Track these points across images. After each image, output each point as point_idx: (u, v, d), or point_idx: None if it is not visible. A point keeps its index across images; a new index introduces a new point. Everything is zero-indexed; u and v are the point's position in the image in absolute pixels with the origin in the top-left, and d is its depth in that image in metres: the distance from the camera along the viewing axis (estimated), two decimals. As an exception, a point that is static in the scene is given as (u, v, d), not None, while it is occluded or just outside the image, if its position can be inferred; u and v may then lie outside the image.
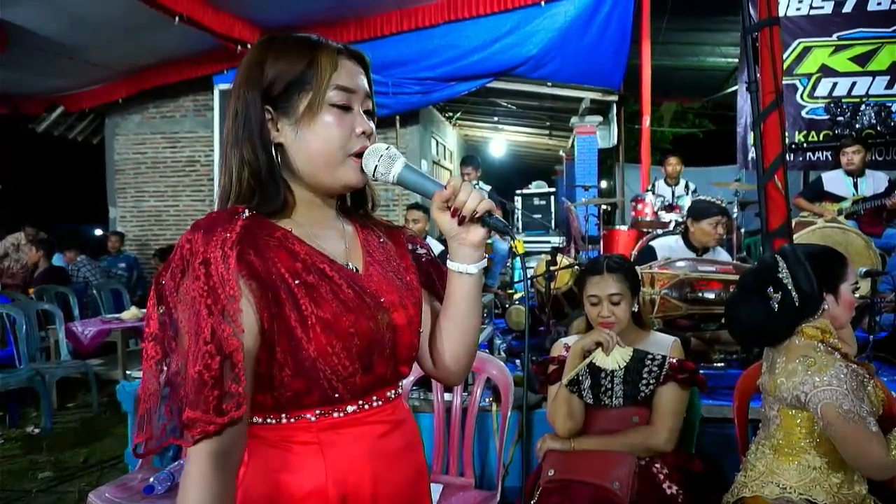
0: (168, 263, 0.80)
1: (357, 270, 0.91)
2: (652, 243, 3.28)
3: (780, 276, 1.70)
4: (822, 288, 1.69)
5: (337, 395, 0.84)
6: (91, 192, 9.31)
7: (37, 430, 4.11)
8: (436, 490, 2.10)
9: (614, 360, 1.86)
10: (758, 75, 1.96)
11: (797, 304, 1.67)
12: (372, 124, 0.90)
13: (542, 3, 6.09)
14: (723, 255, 3.22)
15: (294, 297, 0.81)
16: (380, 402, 0.89)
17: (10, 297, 5.18)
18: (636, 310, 1.98)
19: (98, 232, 12.40)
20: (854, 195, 4.52)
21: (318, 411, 0.84)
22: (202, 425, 0.74)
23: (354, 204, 0.99)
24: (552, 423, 1.90)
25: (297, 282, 0.81)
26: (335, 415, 0.85)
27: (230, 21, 5.80)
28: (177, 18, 5.14)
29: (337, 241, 0.92)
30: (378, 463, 0.87)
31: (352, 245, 0.93)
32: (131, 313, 4.83)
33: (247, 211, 0.84)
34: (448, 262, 0.93)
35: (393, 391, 0.93)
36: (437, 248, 4.69)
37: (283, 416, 0.84)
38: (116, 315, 4.98)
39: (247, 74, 0.88)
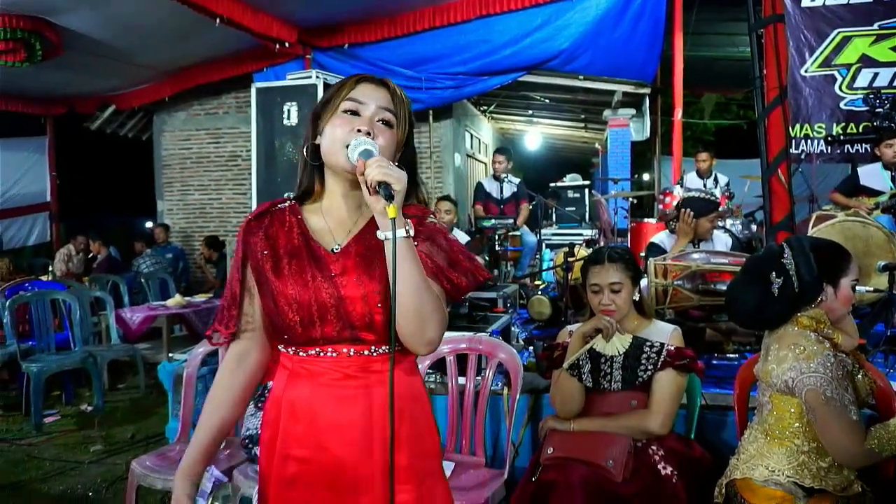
0: None
1: (336, 249, 1.14)
2: (653, 239, 3.34)
3: (784, 261, 1.76)
4: (823, 278, 1.74)
5: (286, 338, 1.13)
6: (141, 186, 9.75)
7: (89, 408, 4.42)
8: (447, 467, 2.22)
9: (613, 346, 1.95)
10: (763, 71, 1.99)
11: (797, 290, 1.73)
12: (368, 127, 1.11)
13: (574, -4, 6.09)
14: (721, 240, 3.25)
15: (263, 264, 1.14)
16: (334, 354, 1.12)
17: (65, 284, 5.54)
18: (637, 298, 2.05)
19: (148, 224, 12.97)
20: (892, 189, 4.42)
21: (291, 348, 1.14)
22: (220, 333, 1.18)
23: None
24: (553, 405, 2.00)
25: (266, 252, 1.14)
26: (300, 354, 1.13)
27: (268, 21, 6.00)
28: (218, 20, 5.36)
29: (344, 224, 1.17)
30: (322, 398, 1.11)
31: (354, 230, 1.16)
32: (175, 301, 5.11)
33: (289, 202, 1.21)
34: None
35: (351, 349, 1.11)
36: (463, 239, 4.81)
37: (280, 346, 1.17)
38: (162, 302, 5.26)
39: (315, 107, 1.21)
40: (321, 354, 1.12)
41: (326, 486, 1.10)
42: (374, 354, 1.12)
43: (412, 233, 1.05)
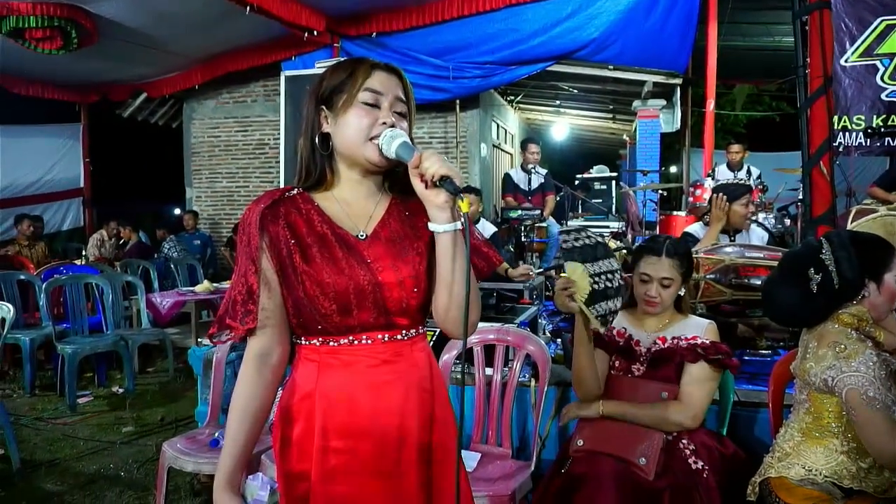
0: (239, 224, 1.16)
1: (363, 236, 1.13)
2: (687, 229, 3.27)
3: (823, 257, 1.71)
4: (865, 274, 1.68)
5: (320, 328, 1.10)
6: (171, 173, 9.90)
7: (121, 390, 4.52)
8: (474, 458, 2.22)
9: (583, 288, 1.75)
10: (807, 59, 1.93)
11: (837, 287, 1.68)
12: (392, 119, 1.11)
13: (604, -16, 5.99)
14: (757, 234, 3.16)
15: (290, 253, 1.09)
16: (369, 341, 1.11)
17: (98, 269, 5.66)
18: (681, 293, 2.01)
19: (177, 211, 13.18)
20: (934, 183, 4.28)
21: (320, 339, 1.11)
22: (234, 330, 1.11)
23: (392, 185, 1.21)
24: (575, 389, 1.97)
25: (293, 242, 1.09)
26: (331, 344, 1.11)
27: (297, 9, 6.02)
28: (248, 8, 5.39)
29: (363, 212, 1.15)
30: (359, 386, 1.10)
31: (375, 216, 1.16)
32: (204, 287, 5.17)
33: (296, 189, 1.16)
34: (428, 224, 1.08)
35: (385, 335, 1.12)
36: (489, 230, 4.78)
37: (302, 339, 1.14)
38: (191, 288, 5.34)
39: (313, 87, 1.17)
40: (355, 342, 1.10)
41: (370, 474, 1.10)
42: (406, 338, 1.14)
43: (462, 225, 1.05)
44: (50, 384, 4.63)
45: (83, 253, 6.31)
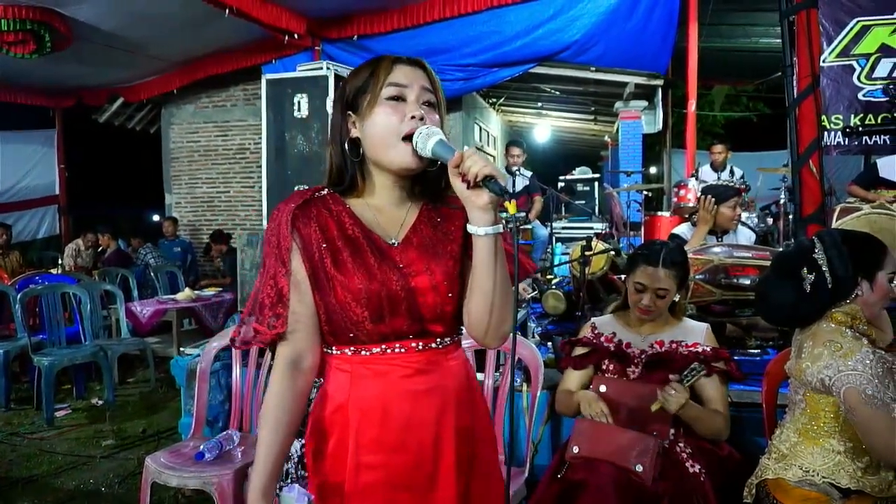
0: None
1: (394, 242, 1.09)
2: (675, 231, 3.27)
3: (816, 256, 1.70)
4: (858, 273, 1.68)
5: (352, 336, 1.06)
6: (149, 179, 9.74)
7: (100, 402, 4.40)
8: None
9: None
10: (794, 59, 1.92)
11: (830, 286, 1.67)
12: (422, 111, 1.05)
13: (586, -14, 6.00)
14: (744, 234, 3.18)
15: (322, 257, 1.06)
16: (403, 350, 1.07)
17: (76, 277, 5.52)
18: (676, 299, 2.00)
19: (156, 217, 12.97)
20: (912, 180, 4.35)
21: (352, 348, 1.07)
22: (261, 335, 1.07)
23: (423, 190, 1.15)
24: (560, 411, 2.00)
25: (324, 245, 1.06)
26: (363, 353, 1.07)
27: (278, 12, 5.94)
28: (227, 11, 5.31)
29: (394, 218, 1.12)
30: (393, 397, 1.06)
31: (407, 222, 1.12)
32: (185, 294, 5.09)
33: (326, 190, 1.12)
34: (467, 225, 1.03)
35: (420, 343, 1.08)
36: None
37: (333, 348, 1.10)
38: (172, 296, 5.25)
39: (338, 93, 1.13)
40: (387, 351, 1.06)
41: (404, 487, 1.06)
42: (441, 347, 1.10)
43: (502, 229, 1.01)
44: (26, 397, 4.51)
45: (59, 262, 6.16)
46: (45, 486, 3.08)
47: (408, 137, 1.03)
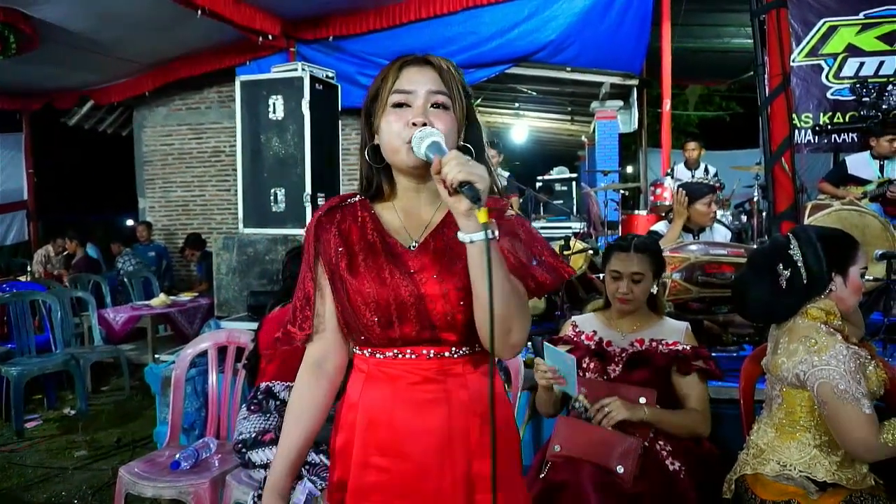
0: None
1: (413, 246, 1.09)
2: (653, 228, 3.30)
3: (791, 253, 1.73)
4: (832, 268, 1.70)
5: (364, 339, 1.09)
6: (122, 183, 9.54)
7: (73, 412, 4.30)
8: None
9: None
10: (766, 58, 1.95)
11: (805, 281, 1.70)
12: (423, 117, 1.03)
13: (561, -13, 6.04)
14: (720, 232, 3.22)
15: (338, 260, 1.09)
16: (414, 356, 1.07)
17: (45, 284, 5.39)
18: (654, 292, 2.01)
19: (129, 222, 12.73)
20: (879, 178, 4.45)
21: (368, 350, 1.10)
22: (294, 336, 1.14)
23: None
24: (541, 410, 2.03)
25: (341, 250, 1.09)
26: (378, 356, 1.09)
27: (251, 13, 5.87)
28: (199, 12, 5.23)
29: (421, 221, 1.12)
30: (400, 402, 1.06)
31: (431, 225, 1.11)
32: (160, 300, 4.99)
33: (358, 196, 1.16)
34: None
35: (431, 351, 1.06)
36: None
37: (356, 348, 1.13)
38: (146, 302, 5.15)
39: (364, 102, 1.14)
40: (399, 356, 1.07)
41: (404, 496, 1.04)
42: (455, 356, 1.07)
43: (497, 234, 0.94)
44: (-6, 409, 4.39)
45: (28, 269, 6.00)
46: (16, 499, 2.99)
47: (410, 140, 1.04)
